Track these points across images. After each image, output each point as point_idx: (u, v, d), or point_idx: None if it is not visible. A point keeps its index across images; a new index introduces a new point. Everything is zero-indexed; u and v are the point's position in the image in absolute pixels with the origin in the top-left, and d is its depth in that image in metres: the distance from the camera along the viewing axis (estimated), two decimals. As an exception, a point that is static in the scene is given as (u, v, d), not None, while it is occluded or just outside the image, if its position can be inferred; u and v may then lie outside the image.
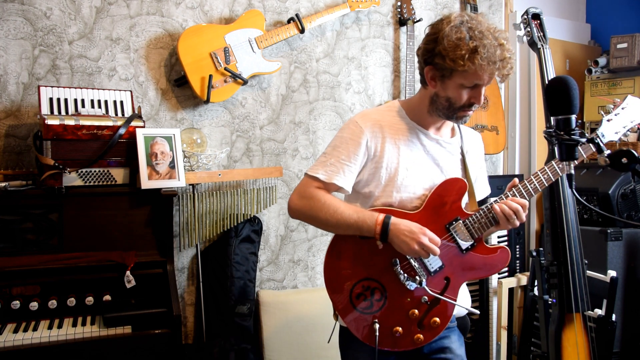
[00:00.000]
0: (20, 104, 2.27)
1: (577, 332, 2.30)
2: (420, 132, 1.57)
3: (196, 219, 2.48)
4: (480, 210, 1.51)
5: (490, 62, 1.37)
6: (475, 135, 1.71)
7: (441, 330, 1.53)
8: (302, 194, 1.53)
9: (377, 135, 1.53)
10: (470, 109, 1.48)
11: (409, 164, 1.54)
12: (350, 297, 1.52)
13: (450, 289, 1.52)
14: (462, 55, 1.38)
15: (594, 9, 3.77)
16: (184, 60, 2.41)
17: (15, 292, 1.93)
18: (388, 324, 1.51)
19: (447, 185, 1.53)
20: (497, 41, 1.39)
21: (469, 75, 1.41)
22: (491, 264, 1.53)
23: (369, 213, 1.48)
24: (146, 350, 1.94)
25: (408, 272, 1.51)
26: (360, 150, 1.52)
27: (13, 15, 2.24)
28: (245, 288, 2.59)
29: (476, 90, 1.45)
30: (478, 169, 1.69)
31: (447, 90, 1.46)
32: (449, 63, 1.40)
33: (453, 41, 1.39)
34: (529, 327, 2.85)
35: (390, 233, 1.44)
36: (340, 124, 2.90)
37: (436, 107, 1.51)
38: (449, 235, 1.52)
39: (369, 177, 1.55)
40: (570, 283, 2.31)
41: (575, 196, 1.35)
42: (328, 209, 1.48)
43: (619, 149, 1.28)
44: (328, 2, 2.82)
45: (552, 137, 1.32)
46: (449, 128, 1.64)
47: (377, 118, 1.56)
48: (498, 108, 3.18)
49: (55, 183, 2.01)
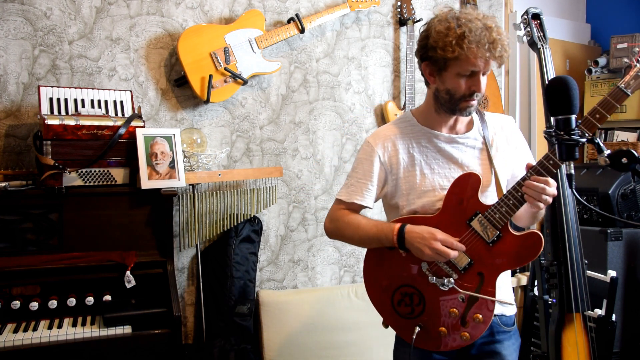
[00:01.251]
0: (20, 104, 2.27)
1: (577, 332, 2.30)
2: (432, 135, 1.57)
3: (196, 219, 2.48)
4: (501, 199, 1.47)
5: (479, 44, 1.38)
6: (502, 118, 1.66)
7: (486, 326, 1.50)
8: (331, 217, 1.66)
9: (389, 149, 1.58)
10: (472, 99, 1.47)
11: (424, 168, 1.56)
12: (393, 305, 1.58)
13: (486, 284, 1.49)
14: (450, 41, 1.39)
15: (594, 9, 3.77)
16: (184, 60, 2.41)
17: (15, 292, 1.93)
18: (432, 326, 1.53)
19: (460, 182, 1.51)
20: (485, 24, 1.39)
21: (462, 63, 1.41)
22: (523, 251, 1.47)
23: (387, 225, 1.53)
24: (146, 350, 1.94)
25: (437, 274, 1.51)
26: (374, 167, 1.58)
27: (13, 15, 2.24)
28: (245, 288, 2.59)
29: (474, 79, 1.44)
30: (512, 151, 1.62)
31: (445, 82, 1.47)
32: (440, 53, 1.42)
33: (441, 31, 1.42)
34: (529, 327, 2.85)
35: (406, 242, 1.47)
36: (340, 123, 2.90)
37: (440, 103, 1.52)
38: (472, 231, 1.49)
39: (392, 190, 1.60)
40: (570, 283, 2.31)
41: (575, 196, 1.34)
42: (350, 227, 1.58)
43: (619, 149, 1.28)
44: (328, 2, 2.82)
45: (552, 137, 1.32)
46: (465, 122, 1.61)
47: (387, 133, 1.60)
48: (498, 108, 3.18)
49: (55, 183, 2.01)
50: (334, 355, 2.67)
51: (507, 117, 1.69)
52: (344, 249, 2.95)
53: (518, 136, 1.66)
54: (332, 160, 2.89)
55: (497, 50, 1.40)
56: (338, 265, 2.95)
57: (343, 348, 2.67)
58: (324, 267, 2.92)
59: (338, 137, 2.90)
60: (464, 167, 1.56)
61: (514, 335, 1.63)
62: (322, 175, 2.87)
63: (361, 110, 2.95)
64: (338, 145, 2.91)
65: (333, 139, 2.89)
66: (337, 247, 2.93)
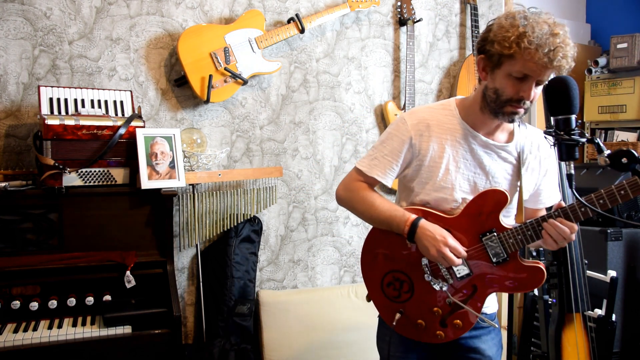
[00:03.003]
0: (20, 104, 2.27)
1: (577, 332, 2.30)
2: (470, 133, 1.51)
3: (196, 219, 2.48)
4: (520, 226, 1.45)
5: (538, 47, 1.30)
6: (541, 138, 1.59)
7: (464, 332, 1.53)
8: (346, 185, 1.63)
9: (423, 134, 1.52)
10: (519, 105, 1.40)
11: (451, 164, 1.51)
12: (382, 285, 1.60)
13: (476, 297, 1.51)
14: (509, 37, 1.34)
15: (594, 9, 3.77)
16: (184, 60, 2.41)
17: (15, 292, 1.93)
18: (412, 316, 1.56)
19: (486, 195, 1.48)
20: (551, 29, 1.32)
21: (516, 62, 1.35)
22: (522, 282, 1.48)
23: (401, 212, 1.51)
24: (146, 350, 1.94)
25: (435, 273, 1.53)
26: (404, 147, 1.53)
27: (13, 15, 2.24)
28: (245, 288, 2.59)
29: (526, 84, 1.37)
30: (540, 176, 1.59)
31: (495, 80, 1.41)
32: (497, 48, 1.37)
33: (504, 26, 1.37)
34: (529, 327, 2.84)
35: (416, 235, 1.47)
36: (340, 123, 2.90)
37: (486, 101, 1.46)
38: (481, 246, 1.48)
39: (413, 174, 1.57)
40: (570, 283, 2.31)
41: (575, 196, 1.34)
42: (365, 202, 1.57)
43: (619, 149, 1.28)
44: (328, 2, 2.82)
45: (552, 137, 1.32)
46: (507, 132, 1.55)
47: (425, 116, 1.54)
48: (498, 108, 3.17)
49: (55, 183, 2.01)
50: (334, 355, 2.67)
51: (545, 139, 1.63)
52: (344, 249, 2.95)
53: (551, 160, 1.61)
54: (332, 160, 2.89)
55: (556, 59, 1.32)
56: (338, 265, 2.95)
57: (343, 348, 2.67)
58: (324, 267, 2.92)
59: (338, 137, 2.90)
60: (490, 176, 1.52)
61: (494, 330, 1.64)
62: (322, 175, 2.87)
63: (361, 110, 2.95)
64: (338, 145, 2.91)
65: (333, 139, 2.89)
66: (337, 247, 2.93)
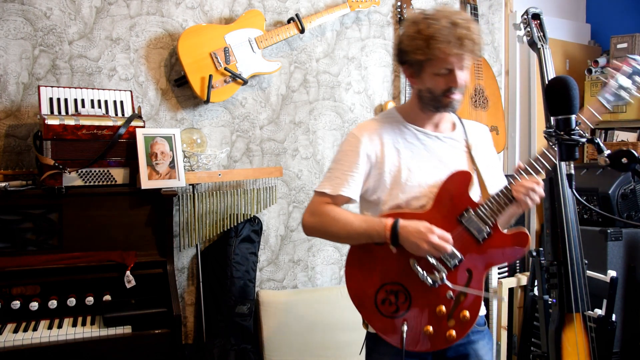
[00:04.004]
0: (20, 104, 2.27)
1: (577, 332, 2.30)
2: (418, 131, 1.58)
3: (196, 219, 2.48)
4: (491, 197, 1.49)
5: (447, 43, 1.40)
6: (480, 127, 1.71)
7: (472, 324, 1.50)
8: (312, 211, 1.57)
9: (375, 142, 1.56)
10: (452, 94, 1.49)
11: (410, 164, 1.55)
12: (376, 304, 1.52)
13: (474, 281, 1.50)
14: (419, 45, 1.43)
15: (594, 9, 3.77)
16: (184, 60, 2.41)
17: (15, 292, 1.93)
18: (418, 325, 1.50)
19: (452, 178, 1.52)
20: (452, 21, 1.41)
21: (435, 63, 1.45)
22: (511, 249, 1.50)
23: (377, 220, 1.50)
24: (146, 350, 1.94)
25: (427, 270, 1.49)
26: (360, 159, 1.55)
27: (13, 15, 2.24)
28: (245, 288, 2.59)
29: (452, 75, 1.46)
30: (488, 160, 1.67)
31: (424, 82, 1.50)
32: (412, 57, 1.46)
33: (410, 35, 1.46)
34: (529, 327, 2.85)
35: (400, 236, 1.45)
36: (340, 123, 2.90)
37: (423, 102, 1.55)
38: (462, 228, 1.50)
39: (375, 184, 1.57)
40: (570, 283, 2.31)
41: (575, 196, 1.35)
42: (338, 222, 1.52)
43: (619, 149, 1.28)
44: (328, 2, 2.82)
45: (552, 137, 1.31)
46: (449, 123, 1.64)
47: (373, 127, 1.60)
48: (498, 108, 3.18)
49: (55, 183, 2.01)
50: (334, 355, 2.67)
51: (484, 127, 1.74)
52: (344, 248, 2.95)
53: (492, 148, 1.72)
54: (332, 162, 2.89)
55: (466, 46, 1.42)
56: (338, 265, 2.94)
57: (343, 348, 2.67)
58: (324, 267, 2.92)
59: (338, 137, 2.90)
60: (448, 165, 1.57)
61: (486, 334, 1.64)
62: (322, 175, 2.87)
63: (361, 110, 2.95)
64: (338, 145, 2.90)
65: (333, 139, 2.89)
66: (337, 247, 2.93)
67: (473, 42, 1.42)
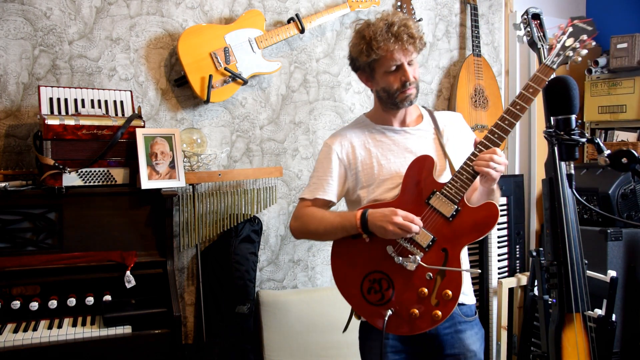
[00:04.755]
0: (20, 104, 2.27)
1: (577, 332, 2.30)
2: (385, 129, 1.70)
3: (196, 219, 2.48)
4: (453, 176, 1.55)
5: (386, 41, 1.53)
6: (450, 114, 1.81)
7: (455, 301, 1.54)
8: (295, 215, 1.73)
9: (346, 146, 1.70)
10: (406, 88, 1.59)
11: (381, 159, 1.67)
12: (362, 294, 1.61)
13: (451, 259, 1.55)
14: (362, 49, 1.57)
15: (594, 9, 3.77)
16: (184, 60, 2.41)
17: (15, 292, 1.93)
18: (404, 309, 1.57)
19: (414, 165, 1.60)
20: (388, 21, 1.54)
21: (382, 62, 1.57)
22: (482, 223, 1.54)
23: (350, 212, 1.63)
24: (146, 350, 1.94)
25: (403, 254, 1.57)
26: (333, 164, 1.69)
27: (13, 15, 2.24)
28: (245, 288, 2.59)
29: (401, 71, 1.58)
30: (461, 143, 1.72)
31: (378, 83, 1.63)
32: (361, 61, 1.61)
33: (354, 43, 1.62)
34: (529, 327, 2.85)
35: (368, 223, 1.54)
36: (340, 123, 2.90)
37: (383, 101, 1.67)
38: (431, 209, 1.56)
39: (353, 184, 1.70)
40: (570, 283, 2.31)
41: (575, 196, 1.35)
42: (314, 220, 1.65)
43: (619, 149, 1.28)
44: (328, 2, 2.82)
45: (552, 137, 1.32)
46: (414, 117, 1.74)
47: (343, 133, 1.74)
48: (498, 108, 3.18)
49: (55, 183, 2.01)
50: (334, 355, 2.67)
51: (456, 114, 1.84)
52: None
53: (468, 131, 1.79)
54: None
55: (404, 41, 1.53)
56: (338, 265, 2.94)
57: (343, 348, 2.67)
58: (324, 267, 2.92)
59: (338, 137, 2.90)
60: (417, 154, 1.64)
61: (476, 325, 1.70)
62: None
63: (361, 110, 2.95)
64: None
65: (333, 139, 2.89)
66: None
67: (410, 36, 1.54)
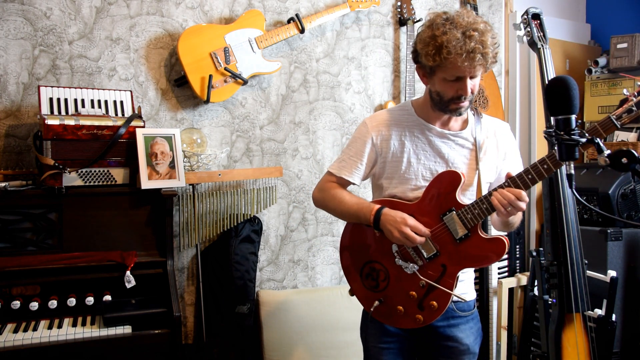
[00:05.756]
0: (20, 104, 2.27)
1: (577, 332, 2.30)
2: (426, 127, 1.64)
3: (196, 219, 2.48)
4: (476, 201, 1.53)
5: (456, 55, 1.42)
6: (498, 124, 1.72)
7: (439, 313, 1.58)
8: (320, 187, 1.77)
9: (383, 134, 1.66)
10: (460, 101, 1.52)
11: (412, 157, 1.64)
12: (361, 277, 1.71)
13: (447, 276, 1.57)
14: (431, 51, 1.46)
15: (594, 9, 3.76)
16: (184, 60, 2.41)
17: (15, 292, 1.93)
18: (391, 303, 1.64)
19: (441, 177, 1.58)
20: (466, 33, 1.42)
21: (446, 69, 1.48)
22: (485, 256, 1.55)
23: (367, 204, 1.63)
24: (146, 350, 1.94)
25: (405, 257, 1.62)
26: (366, 147, 1.67)
27: (13, 15, 2.24)
28: (245, 288, 2.59)
29: (461, 83, 1.49)
30: (501, 157, 1.67)
31: (435, 85, 1.55)
32: (424, 60, 1.51)
33: (423, 39, 1.49)
34: (529, 327, 2.85)
35: (380, 222, 1.58)
36: (340, 123, 2.90)
37: (434, 102, 1.60)
38: (443, 225, 1.57)
39: (380, 172, 1.69)
40: (570, 283, 2.31)
41: (575, 196, 1.35)
42: (334, 200, 1.70)
43: (619, 149, 1.28)
44: (328, 2, 2.82)
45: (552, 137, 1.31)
46: (460, 121, 1.67)
47: (384, 118, 1.68)
48: (498, 108, 3.18)
49: (55, 183, 2.01)
50: (334, 355, 2.67)
51: (503, 124, 1.75)
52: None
53: (510, 144, 1.71)
54: (332, 160, 2.89)
55: (475, 60, 1.43)
56: (338, 265, 2.94)
57: (343, 348, 2.67)
58: (324, 267, 2.92)
59: (338, 137, 2.90)
60: (449, 163, 1.63)
61: (472, 319, 1.72)
62: (322, 175, 2.87)
63: (361, 110, 2.95)
64: (338, 145, 2.91)
65: (333, 139, 2.89)
66: (337, 247, 2.93)
67: (484, 56, 1.43)
